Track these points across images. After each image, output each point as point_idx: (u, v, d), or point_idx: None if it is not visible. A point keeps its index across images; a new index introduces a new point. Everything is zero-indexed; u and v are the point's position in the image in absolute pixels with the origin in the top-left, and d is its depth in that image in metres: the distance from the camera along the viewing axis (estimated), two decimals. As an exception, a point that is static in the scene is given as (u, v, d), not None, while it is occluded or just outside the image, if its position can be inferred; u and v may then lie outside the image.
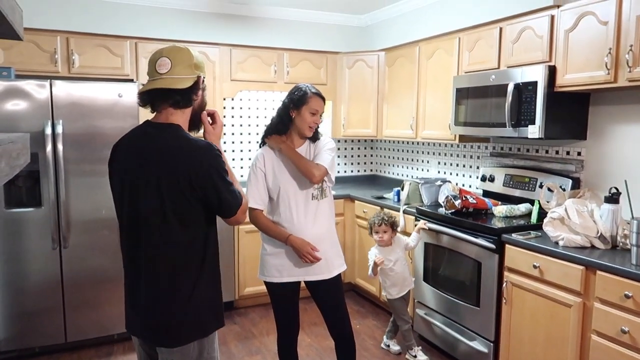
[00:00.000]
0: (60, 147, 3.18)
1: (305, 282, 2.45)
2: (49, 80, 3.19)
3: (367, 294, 4.28)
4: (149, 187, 1.58)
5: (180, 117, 1.67)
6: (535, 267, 2.54)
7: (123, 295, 1.78)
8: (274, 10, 4.29)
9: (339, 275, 2.50)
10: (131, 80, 3.75)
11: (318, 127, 2.44)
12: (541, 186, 3.11)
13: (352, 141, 5.13)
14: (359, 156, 5.19)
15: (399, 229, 3.40)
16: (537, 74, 2.79)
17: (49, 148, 3.16)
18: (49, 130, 3.16)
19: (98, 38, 3.72)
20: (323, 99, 2.43)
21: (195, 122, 1.75)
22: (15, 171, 1.51)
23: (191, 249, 1.63)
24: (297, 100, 2.38)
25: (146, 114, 1.80)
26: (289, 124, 2.41)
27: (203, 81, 1.70)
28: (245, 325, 3.82)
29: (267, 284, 2.48)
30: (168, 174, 1.57)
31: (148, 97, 1.67)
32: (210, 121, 1.79)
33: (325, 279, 2.43)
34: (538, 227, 2.83)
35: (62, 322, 3.32)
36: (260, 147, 2.50)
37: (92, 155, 3.30)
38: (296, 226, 2.38)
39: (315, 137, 2.48)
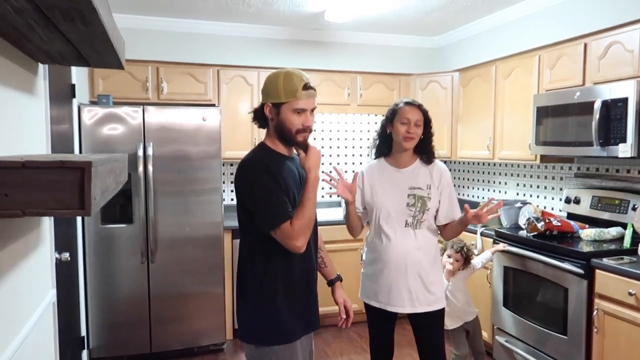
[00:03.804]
0: (150, 168, 3.41)
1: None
2: (141, 106, 3.46)
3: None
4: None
5: (268, 137, 1.87)
6: (630, 294, 2.37)
7: (203, 309, 2.10)
8: (347, 34, 4.40)
9: (439, 312, 2.35)
10: (213, 105, 3.97)
11: (429, 145, 2.34)
12: (634, 208, 2.92)
13: (425, 162, 5.08)
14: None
15: (476, 252, 3.31)
16: (627, 90, 2.65)
17: (140, 169, 3.41)
18: (140, 152, 3.41)
19: (184, 66, 3.99)
20: (417, 107, 2.30)
21: (287, 141, 1.83)
22: (119, 187, 1.66)
23: (249, 260, 1.82)
24: (390, 114, 2.34)
25: (228, 139, 1.98)
26: (390, 142, 2.35)
27: (273, 107, 1.78)
28: (319, 345, 3.83)
29: (364, 304, 2.46)
30: (235, 187, 1.82)
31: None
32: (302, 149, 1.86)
33: (417, 313, 2.31)
34: (632, 251, 2.66)
35: (148, 333, 3.51)
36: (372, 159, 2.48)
37: (178, 177, 3.51)
38: (383, 250, 2.31)
39: (429, 159, 2.36)
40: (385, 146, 2.39)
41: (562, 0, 3.22)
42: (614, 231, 2.95)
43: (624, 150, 2.66)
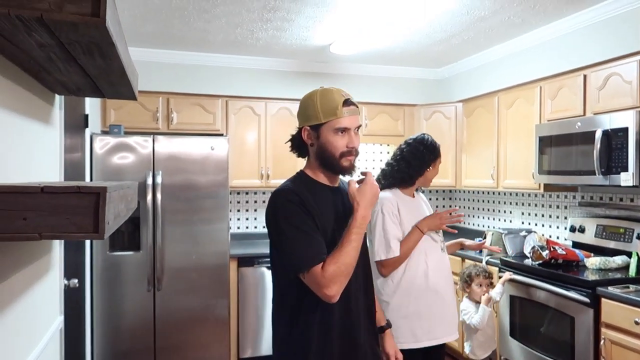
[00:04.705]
0: (159, 196, 3.47)
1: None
2: (152, 136, 3.55)
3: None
4: None
5: (308, 166, 1.64)
6: (637, 323, 2.36)
7: (208, 339, 1.84)
8: (352, 66, 4.51)
9: None
10: (221, 135, 4.05)
11: None
12: (639, 237, 2.92)
13: (431, 192, 5.11)
14: (437, 207, 5.14)
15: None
16: (627, 120, 2.69)
17: (149, 197, 3.47)
18: (150, 181, 3.47)
19: (194, 97, 4.09)
20: None
21: (331, 168, 1.60)
22: (129, 213, 1.71)
23: (279, 305, 1.61)
24: (437, 154, 2.36)
25: (235, 169, 1.90)
26: (419, 176, 2.35)
27: (312, 130, 1.57)
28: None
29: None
30: (265, 220, 1.60)
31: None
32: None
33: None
34: (637, 280, 2.66)
35: (153, 363, 3.50)
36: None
37: (186, 205, 3.56)
38: (431, 279, 2.24)
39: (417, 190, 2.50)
40: (414, 178, 2.35)
41: (561, 33, 3.31)
42: (619, 260, 2.95)
43: (626, 179, 2.68)
